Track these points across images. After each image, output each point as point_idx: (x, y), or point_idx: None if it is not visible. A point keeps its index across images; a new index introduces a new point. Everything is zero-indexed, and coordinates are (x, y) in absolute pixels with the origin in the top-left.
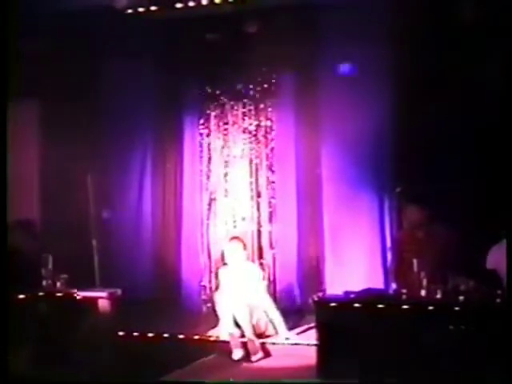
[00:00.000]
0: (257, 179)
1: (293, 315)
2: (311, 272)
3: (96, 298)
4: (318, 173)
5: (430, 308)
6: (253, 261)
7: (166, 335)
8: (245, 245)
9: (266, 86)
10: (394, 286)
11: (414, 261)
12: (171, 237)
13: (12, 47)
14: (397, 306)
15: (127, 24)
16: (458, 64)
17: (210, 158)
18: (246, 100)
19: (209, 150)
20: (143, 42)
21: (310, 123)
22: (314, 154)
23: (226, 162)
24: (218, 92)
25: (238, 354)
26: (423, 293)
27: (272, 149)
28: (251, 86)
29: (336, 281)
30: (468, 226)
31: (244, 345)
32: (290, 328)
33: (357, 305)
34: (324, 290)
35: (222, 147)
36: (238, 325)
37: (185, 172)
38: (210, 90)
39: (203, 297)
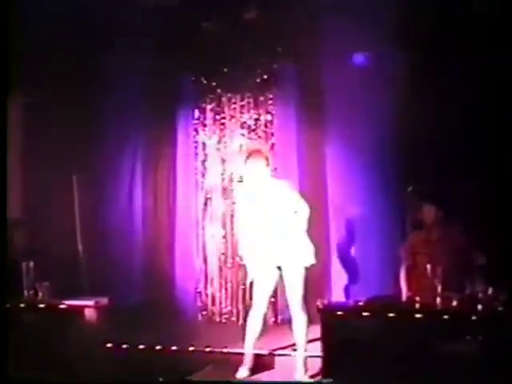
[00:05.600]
0: None
1: None
2: (316, 277)
3: (82, 307)
4: (323, 170)
5: (445, 317)
6: None
7: (158, 347)
8: (268, 159)
9: (265, 76)
10: (405, 292)
11: (428, 265)
12: (164, 239)
13: (12, 47)
14: (409, 315)
15: (117, 12)
16: (469, 63)
17: (205, 155)
18: (244, 92)
19: (204, 146)
20: (136, 32)
21: (312, 116)
22: (318, 149)
23: (222, 159)
24: (214, 83)
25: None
26: (438, 300)
27: (272, 144)
28: (250, 77)
29: (343, 286)
30: (486, 227)
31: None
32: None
33: (365, 313)
34: (330, 297)
35: (219, 143)
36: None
37: (178, 170)
38: (205, 82)
39: (199, 304)
